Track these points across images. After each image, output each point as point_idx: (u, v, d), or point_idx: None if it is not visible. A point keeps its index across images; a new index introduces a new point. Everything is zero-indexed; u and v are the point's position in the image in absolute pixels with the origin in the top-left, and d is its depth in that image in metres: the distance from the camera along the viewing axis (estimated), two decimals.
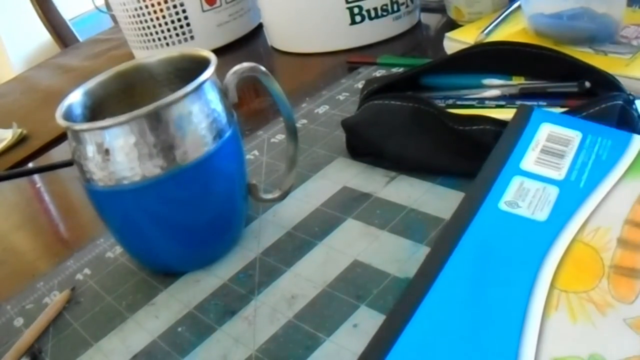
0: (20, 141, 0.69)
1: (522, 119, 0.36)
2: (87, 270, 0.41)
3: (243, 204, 0.39)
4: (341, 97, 0.55)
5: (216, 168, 0.35)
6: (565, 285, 0.27)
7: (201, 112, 0.34)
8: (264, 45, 0.79)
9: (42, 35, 1.73)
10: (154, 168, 0.33)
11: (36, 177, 0.59)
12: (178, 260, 0.38)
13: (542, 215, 0.30)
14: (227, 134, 0.35)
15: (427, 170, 0.40)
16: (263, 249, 0.38)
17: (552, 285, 0.27)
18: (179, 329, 0.34)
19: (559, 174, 0.32)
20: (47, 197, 0.57)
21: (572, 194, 0.31)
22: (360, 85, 0.56)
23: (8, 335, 0.37)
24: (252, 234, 0.40)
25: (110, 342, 0.34)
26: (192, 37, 0.78)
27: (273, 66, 0.73)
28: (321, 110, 0.54)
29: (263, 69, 0.37)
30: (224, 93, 0.36)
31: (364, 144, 0.44)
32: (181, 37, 0.78)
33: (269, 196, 0.40)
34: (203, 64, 0.35)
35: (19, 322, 0.38)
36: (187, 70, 0.38)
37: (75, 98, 0.37)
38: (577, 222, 0.30)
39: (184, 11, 0.76)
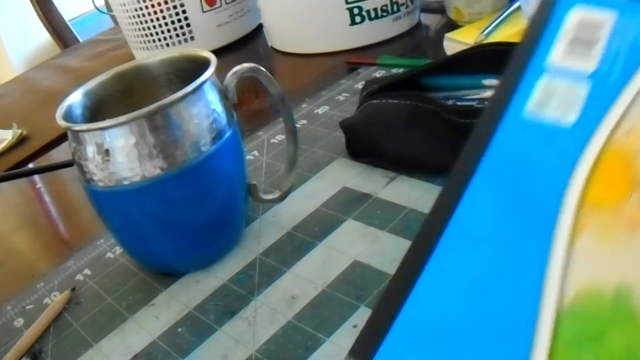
0: (20, 142, 0.69)
1: (548, 7, 0.31)
2: (87, 271, 0.41)
3: (243, 205, 0.39)
4: (341, 98, 0.55)
5: (216, 169, 0.35)
6: (595, 202, 0.23)
7: (201, 112, 0.34)
8: (264, 46, 0.79)
9: (42, 36, 1.73)
10: (154, 169, 0.33)
11: (36, 177, 0.60)
12: (178, 261, 0.38)
13: (570, 118, 0.26)
14: (227, 134, 0.35)
15: (427, 168, 0.40)
16: (263, 250, 0.38)
17: (581, 203, 0.23)
18: (179, 330, 0.34)
19: (591, 66, 0.27)
20: (47, 198, 0.57)
21: (605, 88, 0.26)
22: (360, 85, 0.56)
23: (8, 336, 0.37)
24: (252, 234, 0.40)
25: (110, 342, 0.34)
26: (192, 38, 0.78)
27: (273, 67, 0.73)
28: (321, 110, 0.54)
29: (263, 69, 0.37)
30: (223, 93, 0.36)
31: (363, 143, 0.44)
32: (181, 37, 0.78)
33: (269, 197, 0.40)
34: (203, 64, 0.35)
35: (19, 322, 0.38)
36: (187, 70, 0.38)
37: (76, 99, 0.37)
38: (609, 122, 0.25)
39: (184, 12, 0.76)
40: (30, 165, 0.63)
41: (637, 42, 0.27)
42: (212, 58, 0.36)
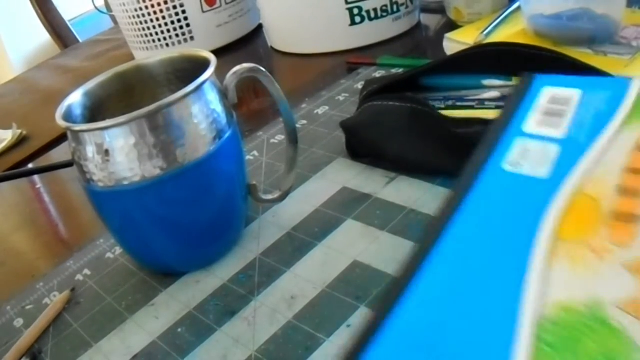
0: (20, 142, 0.69)
1: (525, 86, 0.37)
2: (87, 271, 0.41)
3: (243, 205, 0.39)
4: (341, 98, 0.55)
5: (216, 169, 0.35)
6: (566, 236, 0.27)
7: (201, 112, 0.34)
8: (264, 46, 0.79)
9: (42, 36, 1.73)
10: (153, 169, 0.33)
11: (36, 177, 0.60)
12: (178, 261, 0.38)
13: (543, 172, 0.31)
14: (227, 134, 0.35)
15: (426, 170, 0.41)
16: (263, 250, 0.38)
17: (554, 237, 0.27)
18: (179, 330, 0.34)
19: (560, 133, 0.33)
20: (47, 198, 0.57)
21: (572, 150, 0.32)
22: (360, 86, 0.56)
23: (8, 336, 0.37)
24: (252, 234, 0.40)
25: (110, 342, 0.34)
26: (192, 38, 0.78)
27: (273, 67, 0.73)
28: (321, 111, 0.54)
29: (263, 69, 0.37)
30: (223, 94, 0.36)
31: (363, 144, 0.44)
32: (181, 37, 0.78)
33: (269, 197, 0.40)
34: (203, 64, 0.35)
35: (19, 322, 0.38)
36: (187, 71, 0.38)
37: (75, 99, 0.37)
38: (577, 175, 0.30)
39: (184, 12, 0.76)
40: (30, 166, 0.63)
41: (598, 113, 0.33)
42: (212, 58, 0.36)
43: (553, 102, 0.35)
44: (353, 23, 0.67)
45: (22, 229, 0.52)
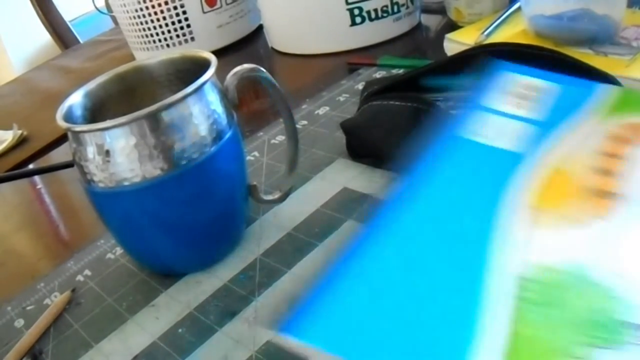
0: (20, 142, 0.69)
1: (491, 70, 0.38)
2: (87, 272, 0.41)
3: (243, 205, 0.39)
4: (341, 99, 0.55)
5: (216, 169, 0.35)
6: (542, 204, 0.28)
7: (201, 113, 0.34)
8: (264, 47, 0.79)
9: (42, 37, 1.73)
10: (154, 169, 0.33)
11: (36, 178, 0.60)
12: (178, 262, 0.38)
13: (511, 145, 0.31)
14: (228, 135, 0.35)
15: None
16: (263, 250, 0.38)
17: (529, 205, 0.28)
18: (180, 330, 0.34)
19: (526, 113, 0.33)
20: (47, 199, 0.57)
21: (542, 129, 0.32)
22: (360, 86, 0.56)
23: (9, 337, 0.37)
24: (252, 235, 0.40)
25: (110, 343, 0.34)
26: (192, 39, 0.78)
27: (273, 67, 0.73)
28: (321, 111, 0.54)
29: (263, 70, 0.37)
30: (224, 94, 0.36)
31: (364, 145, 0.44)
32: (181, 38, 0.78)
33: (269, 197, 0.40)
34: (203, 65, 0.35)
35: (19, 323, 0.38)
36: (188, 71, 0.38)
37: (76, 99, 0.37)
38: (549, 151, 0.31)
39: (184, 12, 0.76)
40: (31, 166, 0.63)
41: (567, 105, 0.34)
42: (213, 59, 0.36)
43: (520, 86, 0.36)
44: (354, 23, 0.67)
45: (23, 230, 0.52)
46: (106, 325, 0.36)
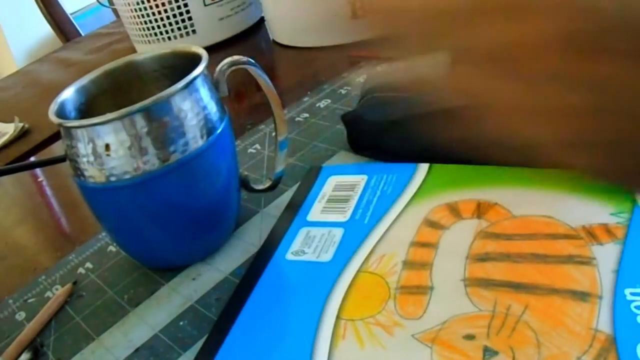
0: (21, 135, 0.69)
1: (312, 177, 0.40)
2: (88, 264, 0.41)
3: (236, 197, 0.39)
4: (343, 91, 0.55)
5: (209, 164, 0.35)
6: (350, 315, 0.28)
7: (193, 108, 0.34)
8: (266, 40, 0.79)
9: (44, 30, 1.73)
10: (146, 165, 0.33)
11: (38, 171, 0.60)
12: (172, 255, 0.37)
13: (327, 256, 0.33)
14: (219, 129, 0.35)
15: (427, 161, 0.40)
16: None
17: (338, 317, 0.28)
18: (181, 323, 0.34)
19: (344, 217, 0.35)
20: (48, 191, 0.57)
21: (356, 231, 0.34)
22: (362, 79, 0.56)
23: (10, 329, 0.37)
24: (253, 227, 0.40)
25: (112, 335, 0.34)
26: (193, 31, 0.78)
27: (275, 60, 0.73)
28: (323, 104, 0.54)
29: (251, 60, 0.37)
30: (215, 88, 0.36)
31: (365, 137, 0.44)
32: (183, 31, 0.77)
33: (260, 187, 0.40)
34: (195, 60, 0.35)
35: (20, 316, 0.38)
36: (179, 66, 0.38)
37: (69, 95, 0.37)
38: (361, 255, 0.32)
39: (185, 5, 0.76)
40: (32, 159, 0.63)
41: (384, 194, 0.36)
42: (204, 54, 0.36)
43: (338, 189, 0.38)
44: (355, 16, 0.67)
45: (24, 223, 0.52)
46: (107, 317, 0.36)
